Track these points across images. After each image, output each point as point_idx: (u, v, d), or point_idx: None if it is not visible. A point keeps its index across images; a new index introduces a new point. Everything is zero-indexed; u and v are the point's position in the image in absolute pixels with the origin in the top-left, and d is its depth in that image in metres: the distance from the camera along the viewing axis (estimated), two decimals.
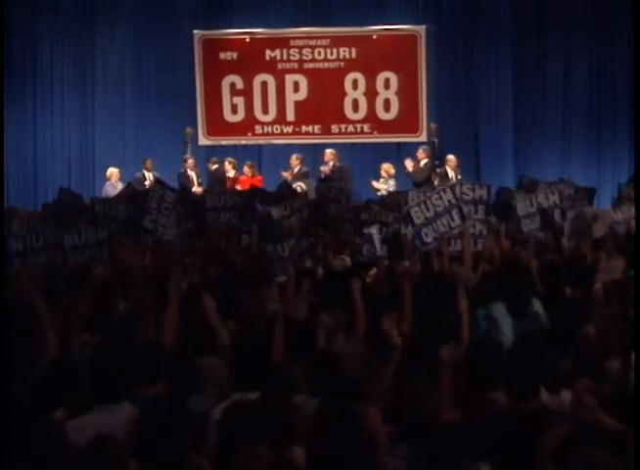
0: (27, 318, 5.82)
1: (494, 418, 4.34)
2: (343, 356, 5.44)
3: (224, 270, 8.56)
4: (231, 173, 17.45)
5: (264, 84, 19.54)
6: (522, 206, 10.39)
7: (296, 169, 17.46)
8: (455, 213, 8.91)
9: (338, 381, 4.87)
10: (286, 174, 17.25)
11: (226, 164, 17.61)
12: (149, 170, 17.47)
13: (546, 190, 10.85)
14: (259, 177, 17.45)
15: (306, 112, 19.52)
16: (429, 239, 8.87)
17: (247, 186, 16.51)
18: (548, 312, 6.65)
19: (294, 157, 17.66)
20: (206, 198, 12.59)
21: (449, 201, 8.96)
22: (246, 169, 17.50)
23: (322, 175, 17.11)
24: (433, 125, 18.41)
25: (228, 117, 19.69)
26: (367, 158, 19.36)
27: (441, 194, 9.02)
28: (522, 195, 11.26)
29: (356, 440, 3.80)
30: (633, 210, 10.59)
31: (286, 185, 15.14)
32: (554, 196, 10.70)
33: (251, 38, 19.56)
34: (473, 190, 9.65)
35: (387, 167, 17.09)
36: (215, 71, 19.60)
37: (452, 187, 9.25)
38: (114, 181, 17.30)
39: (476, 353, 5.39)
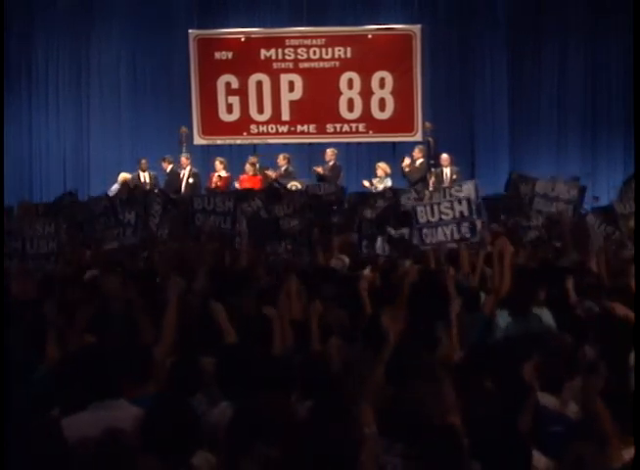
0: (27, 319, 5.84)
1: (488, 418, 4.36)
2: (337, 356, 5.46)
3: (220, 272, 8.56)
4: (222, 173, 17.42)
5: (259, 84, 19.54)
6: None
7: (282, 169, 17.47)
8: (465, 227, 8.85)
9: (331, 380, 4.89)
10: (272, 174, 17.25)
11: (217, 163, 17.57)
12: (144, 171, 17.48)
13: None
14: (260, 177, 17.37)
15: (301, 111, 19.53)
16: (427, 240, 8.85)
17: (248, 186, 16.52)
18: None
19: (281, 156, 17.67)
20: (193, 200, 12.40)
21: (461, 212, 8.89)
22: (248, 167, 17.36)
23: (317, 175, 17.13)
24: (427, 125, 18.44)
25: (223, 116, 19.69)
26: (362, 157, 19.39)
27: (454, 204, 8.95)
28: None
29: (349, 440, 3.81)
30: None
31: (279, 185, 15.16)
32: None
33: (246, 38, 19.57)
34: (460, 190, 9.61)
35: (383, 166, 17.11)
36: (210, 71, 19.59)
37: (468, 200, 9.11)
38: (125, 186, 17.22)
39: (471, 354, 5.42)
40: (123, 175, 17.37)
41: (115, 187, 17.03)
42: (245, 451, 3.92)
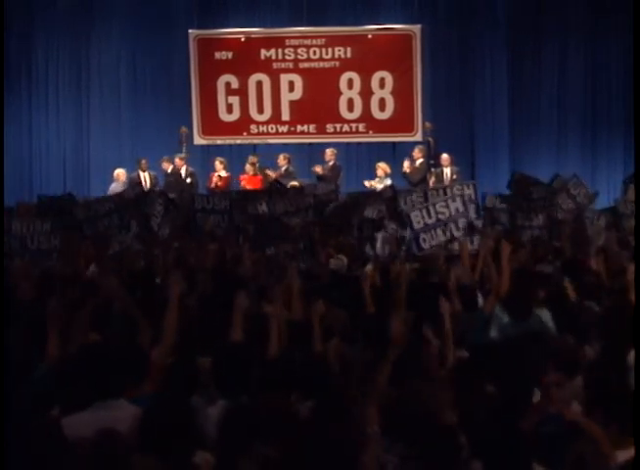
0: (27, 318, 5.84)
1: (488, 418, 4.36)
2: (341, 356, 5.46)
3: (219, 271, 8.57)
4: (222, 173, 17.42)
5: (259, 84, 19.54)
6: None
7: (282, 169, 17.47)
8: (461, 223, 8.85)
9: (333, 381, 4.89)
10: (272, 173, 17.25)
11: (217, 163, 17.57)
12: (144, 171, 17.49)
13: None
14: (260, 177, 17.34)
15: (301, 111, 19.53)
16: (426, 245, 8.83)
17: (248, 186, 16.55)
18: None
19: (281, 156, 17.67)
20: (194, 199, 12.40)
21: (457, 209, 8.89)
22: (248, 167, 17.36)
23: (317, 175, 17.14)
24: (427, 125, 18.45)
25: (223, 116, 19.69)
26: (362, 157, 19.39)
27: (449, 202, 8.95)
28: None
29: (350, 440, 3.81)
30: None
31: (279, 185, 15.17)
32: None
33: (246, 38, 19.57)
34: (461, 190, 9.58)
35: (383, 166, 17.11)
36: (211, 71, 19.59)
37: (462, 196, 9.13)
38: (121, 182, 17.24)
39: (471, 355, 5.43)
40: (118, 171, 17.40)
41: (114, 185, 17.07)
42: (240, 451, 3.92)
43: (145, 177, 17.42)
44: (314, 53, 19.48)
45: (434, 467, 3.91)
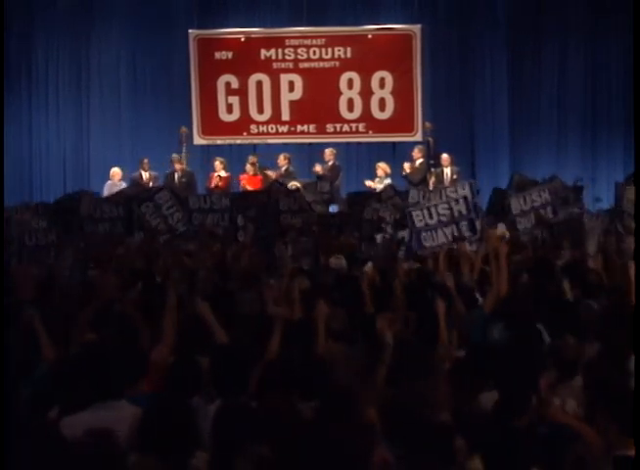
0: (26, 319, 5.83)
1: (487, 419, 4.37)
2: (338, 356, 5.47)
3: (220, 271, 8.57)
4: (222, 173, 17.42)
5: (259, 84, 19.54)
6: (515, 204, 10.48)
7: (283, 169, 17.47)
8: (464, 225, 8.85)
9: (333, 382, 4.89)
10: (272, 173, 17.25)
11: (217, 163, 17.56)
12: (146, 170, 17.50)
13: (539, 189, 10.94)
14: (260, 177, 17.34)
15: (301, 111, 19.53)
16: (427, 243, 8.85)
17: (248, 185, 16.56)
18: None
19: (282, 156, 17.66)
20: (189, 199, 12.39)
21: (460, 212, 8.90)
22: (248, 167, 17.36)
23: (317, 175, 17.14)
24: (427, 125, 18.44)
25: (223, 116, 19.69)
26: (362, 157, 19.39)
27: (452, 204, 8.96)
28: (514, 193, 11.36)
29: (352, 440, 3.81)
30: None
31: (280, 185, 15.18)
32: (545, 194, 10.79)
33: (246, 38, 19.57)
34: (455, 191, 9.57)
35: (383, 166, 17.12)
36: (210, 71, 19.59)
37: (465, 199, 9.12)
38: (116, 181, 17.26)
39: (470, 355, 5.43)
40: (114, 170, 17.41)
41: (109, 183, 17.10)
42: (233, 450, 3.93)
43: (146, 177, 17.43)
44: (314, 53, 19.48)
45: (432, 467, 3.91)
